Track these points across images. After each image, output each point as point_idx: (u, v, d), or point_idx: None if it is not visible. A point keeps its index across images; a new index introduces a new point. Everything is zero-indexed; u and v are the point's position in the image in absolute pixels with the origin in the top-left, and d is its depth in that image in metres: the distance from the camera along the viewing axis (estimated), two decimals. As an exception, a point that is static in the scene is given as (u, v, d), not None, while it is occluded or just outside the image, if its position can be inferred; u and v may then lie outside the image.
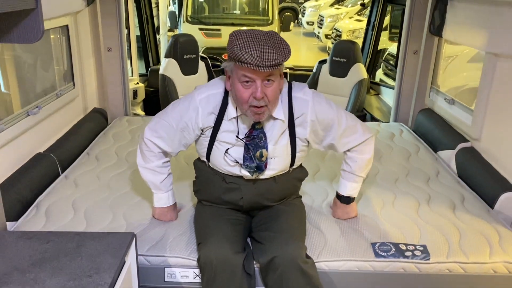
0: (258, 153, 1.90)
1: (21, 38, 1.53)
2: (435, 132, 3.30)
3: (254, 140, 1.89)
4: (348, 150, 2.07)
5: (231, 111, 1.88)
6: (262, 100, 1.72)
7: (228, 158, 1.93)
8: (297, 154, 1.98)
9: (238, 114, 1.87)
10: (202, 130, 1.94)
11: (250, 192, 2.00)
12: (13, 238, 1.70)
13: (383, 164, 2.94)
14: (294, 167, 2.04)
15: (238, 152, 1.92)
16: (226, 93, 1.89)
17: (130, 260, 1.76)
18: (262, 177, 1.97)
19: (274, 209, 2.07)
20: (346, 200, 2.19)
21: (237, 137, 1.89)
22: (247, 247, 1.98)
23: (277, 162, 1.95)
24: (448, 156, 3.01)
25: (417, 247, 2.04)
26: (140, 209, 2.30)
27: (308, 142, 2.00)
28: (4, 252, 1.61)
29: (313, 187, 2.57)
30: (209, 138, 1.94)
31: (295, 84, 1.94)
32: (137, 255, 1.83)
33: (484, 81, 2.75)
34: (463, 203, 2.46)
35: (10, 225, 2.13)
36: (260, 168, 1.92)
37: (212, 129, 1.92)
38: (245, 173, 1.95)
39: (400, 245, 2.04)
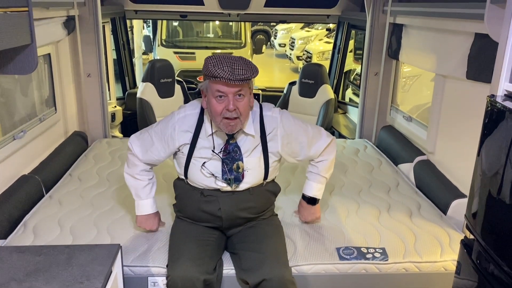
0: (235, 166, 2.08)
1: (18, 69, 1.71)
2: (395, 147, 3.59)
3: (230, 154, 2.07)
4: (320, 156, 2.28)
5: (207, 128, 2.07)
6: (234, 112, 1.92)
7: (205, 170, 2.10)
8: (270, 168, 2.17)
9: (213, 131, 2.06)
10: (178, 148, 2.13)
11: (227, 203, 2.15)
12: (7, 253, 1.84)
13: (348, 177, 3.19)
14: (267, 180, 2.21)
15: (214, 165, 2.10)
16: (202, 113, 2.09)
17: (116, 269, 1.91)
18: (238, 189, 2.14)
19: (257, 229, 2.21)
20: (311, 201, 2.40)
21: (213, 151, 2.08)
22: (219, 268, 2.11)
23: (251, 174, 2.13)
24: (407, 168, 3.29)
25: (377, 249, 2.27)
26: (123, 224, 2.46)
27: (280, 156, 2.19)
28: (-1, 265, 1.75)
29: (284, 199, 2.77)
30: (186, 156, 2.12)
31: (264, 105, 2.18)
32: (122, 265, 1.99)
33: (435, 100, 3.05)
34: (419, 210, 2.71)
35: (0, 243, 2.25)
36: (238, 179, 2.10)
37: (189, 146, 2.10)
38: (221, 184, 2.11)
39: (361, 249, 2.27)
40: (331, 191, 2.93)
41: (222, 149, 2.08)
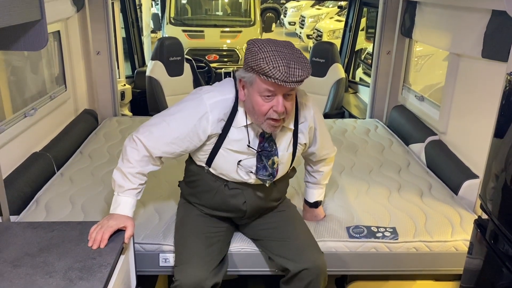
0: (270, 161, 1.89)
1: (28, 46, 1.70)
2: (407, 127, 3.55)
3: (266, 150, 1.88)
4: (320, 161, 2.21)
5: (240, 119, 1.83)
6: (282, 113, 1.71)
7: (241, 169, 1.92)
8: (295, 159, 2.04)
9: (248, 123, 1.84)
10: (208, 137, 1.87)
11: (252, 195, 2.01)
12: (21, 228, 1.87)
13: (358, 157, 3.17)
14: (290, 168, 2.12)
15: (249, 162, 1.92)
16: (236, 98, 1.84)
17: (128, 246, 1.93)
18: None
19: (279, 213, 2.14)
20: (314, 205, 2.34)
21: (248, 146, 1.87)
22: (223, 265, 2.04)
23: (281, 168, 1.97)
24: (418, 148, 3.26)
25: (387, 229, 2.26)
26: (134, 202, 2.47)
27: (305, 147, 2.05)
28: (13, 240, 1.77)
29: (294, 178, 2.76)
30: (213, 145, 1.88)
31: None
32: (134, 242, 2.01)
33: (449, 79, 3.00)
34: (430, 191, 2.69)
35: (13, 219, 2.28)
36: (273, 175, 1.92)
37: (218, 136, 1.87)
38: (253, 180, 1.96)
39: (372, 228, 2.26)
40: (341, 171, 2.92)
41: (256, 143, 1.88)
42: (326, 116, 4.47)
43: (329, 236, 2.22)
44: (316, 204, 2.34)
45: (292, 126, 1.91)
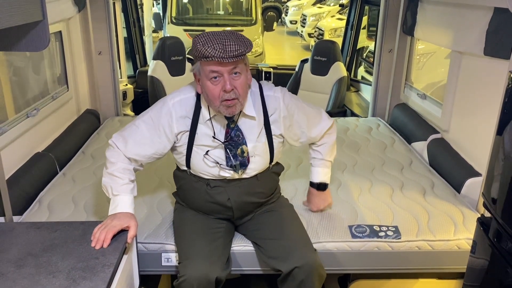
0: (239, 150, 1.95)
1: (30, 46, 1.70)
2: (409, 125, 3.54)
3: (233, 139, 1.95)
4: (320, 139, 2.22)
5: (204, 113, 1.93)
6: (232, 93, 1.78)
7: (208, 159, 1.98)
8: (275, 151, 2.06)
9: (211, 116, 1.93)
10: (177, 137, 1.97)
11: (235, 192, 2.04)
12: (24, 228, 1.87)
13: (361, 156, 3.17)
14: (273, 163, 2.12)
15: (218, 153, 1.98)
16: (198, 96, 1.95)
17: (131, 246, 1.93)
18: (245, 176, 2.02)
19: (273, 213, 2.14)
20: (322, 187, 2.32)
21: (213, 137, 1.94)
22: (230, 259, 2.04)
23: (257, 160, 2.02)
24: (421, 147, 3.25)
25: (390, 228, 2.26)
26: (136, 201, 2.42)
27: (284, 138, 2.09)
28: (17, 240, 1.78)
29: (296, 177, 2.77)
30: (186, 145, 1.98)
31: (263, 83, 2.04)
32: (137, 242, 2.01)
33: (451, 77, 2.99)
34: (433, 189, 2.69)
35: (16, 219, 2.29)
36: (244, 164, 1.98)
37: (188, 133, 1.95)
38: (225, 174, 1.99)
39: (374, 227, 2.26)
40: (343, 170, 2.92)
41: (224, 135, 1.96)
42: (328, 114, 4.45)
43: (331, 236, 2.21)
44: (324, 187, 2.31)
45: (252, 114, 1.95)
